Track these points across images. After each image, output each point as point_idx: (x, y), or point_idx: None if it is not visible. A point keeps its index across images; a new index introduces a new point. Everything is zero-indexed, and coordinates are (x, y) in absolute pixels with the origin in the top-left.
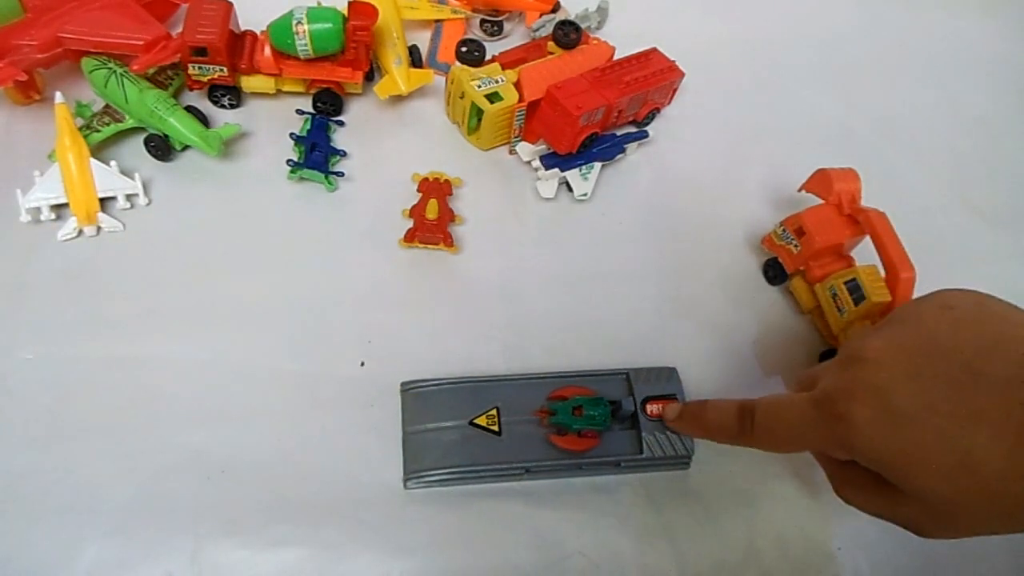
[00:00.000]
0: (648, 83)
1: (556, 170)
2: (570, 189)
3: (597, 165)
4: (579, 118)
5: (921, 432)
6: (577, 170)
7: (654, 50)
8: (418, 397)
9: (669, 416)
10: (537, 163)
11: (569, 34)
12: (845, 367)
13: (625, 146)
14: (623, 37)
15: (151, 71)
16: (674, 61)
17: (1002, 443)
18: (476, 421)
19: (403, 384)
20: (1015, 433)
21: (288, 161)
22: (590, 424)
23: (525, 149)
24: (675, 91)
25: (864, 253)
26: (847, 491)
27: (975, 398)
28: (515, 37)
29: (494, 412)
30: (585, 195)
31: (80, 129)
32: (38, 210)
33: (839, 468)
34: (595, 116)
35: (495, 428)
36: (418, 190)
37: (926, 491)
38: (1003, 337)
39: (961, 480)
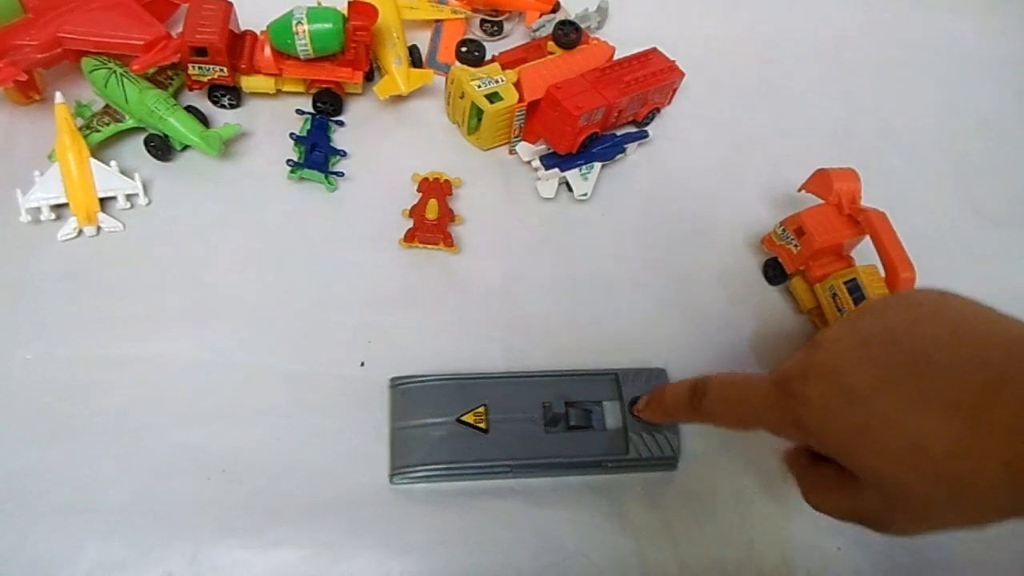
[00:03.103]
0: (648, 83)
1: (556, 170)
2: (570, 189)
3: (597, 165)
4: (579, 118)
5: (872, 412)
6: (577, 170)
7: (654, 50)
8: (407, 393)
9: (639, 407)
10: (537, 163)
11: (569, 34)
12: (805, 352)
13: (625, 146)
14: (623, 37)
15: (151, 71)
16: (674, 61)
17: (952, 425)
18: (464, 418)
19: (392, 380)
20: (965, 416)
21: (288, 161)
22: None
23: (525, 149)
24: (675, 91)
25: (864, 253)
26: (814, 495)
27: (927, 382)
28: (515, 37)
29: (482, 410)
30: (585, 195)
31: (80, 129)
32: (38, 210)
33: (804, 471)
34: (595, 116)
35: (483, 425)
36: (418, 190)
37: (878, 473)
38: (960, 329)
39: (911, 461)
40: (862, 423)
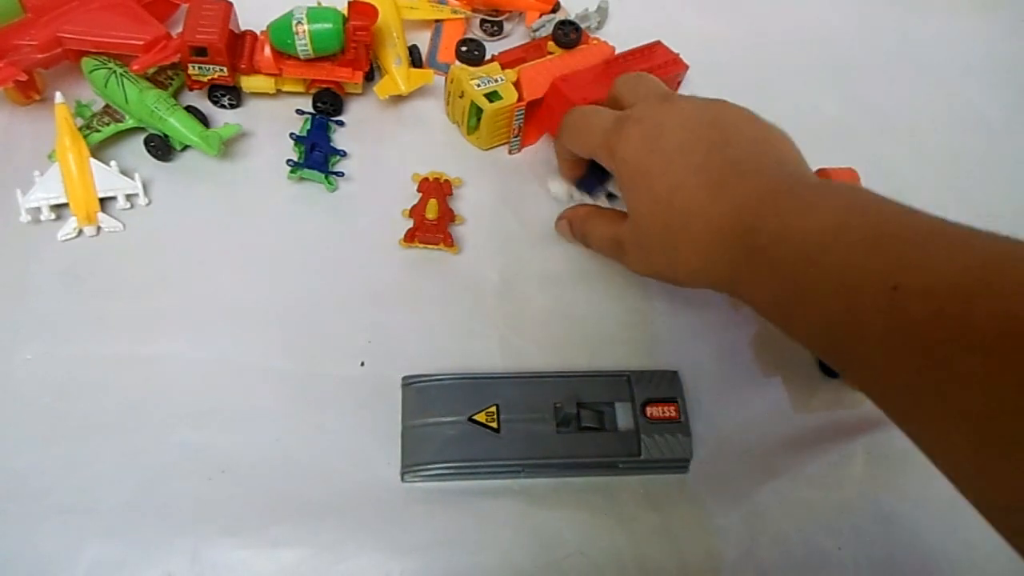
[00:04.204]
0: (654, 75)
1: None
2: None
3: None
4: None
5: (661, 162)
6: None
7: (658, 43)
8: (419, 392)
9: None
10: (577, 196)
11: (569, 34)
12: (647, 105)
13: None
14: (623, 37)
15: (151, 71)
16: (678, 54)
17: (701, 188)
18: (475, 418)
19: (404, 378)
20: (712, 186)
21: (288, 161)
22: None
23: (559, 188)
24: (679, 84)
25: None
26: (590, 224)
27: (705, 160)
28: (515, 37)
29: (493, 409)
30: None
31: (80, 129)
32: (38, 210)
33: (589, 213)
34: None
35: (494, 425)
36: (418, 190)
37: (638, 205)
38: (740, 138)
39: (664, 202)
40: (650, 166)
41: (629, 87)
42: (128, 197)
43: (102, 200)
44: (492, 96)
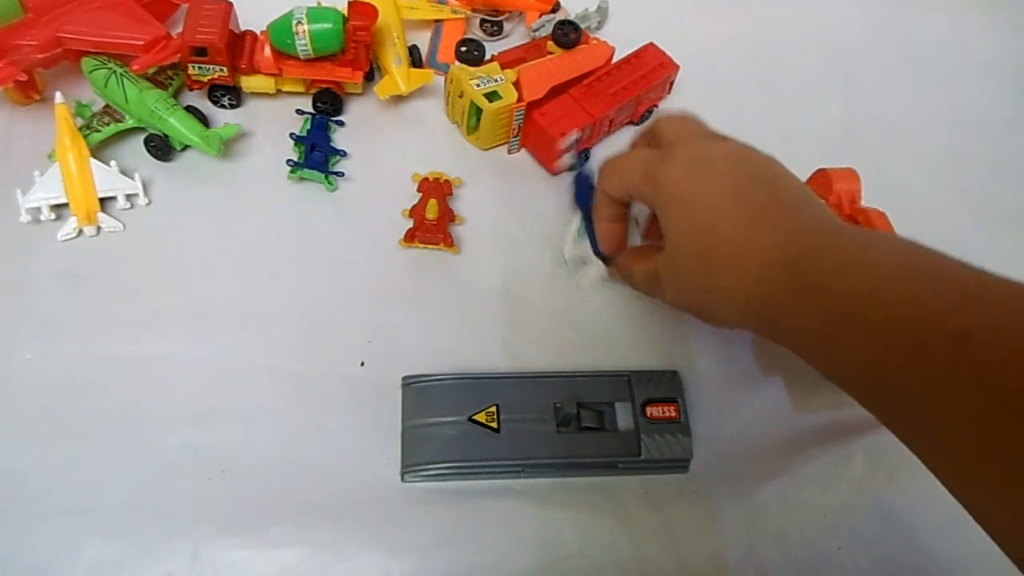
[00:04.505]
0: (639, 87)
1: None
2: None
3: None
4: (560, 142)
5: (703, 189)
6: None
7: (650, 45)
8: (419, 392)
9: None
10: (592, 259)
11: (568, 34)
12: (699, 140)
13: None
14: (623, 37)
15: (151, 71)
16: (669, 56)
17: (740, 220)
18: (475, 418)
19: (404, 378)
20: (751, 212)
21: (288, 161)
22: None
23: (573, 252)
24: (672, 84)
25: None
26: (631, 261)
27: (749, 192)
28: (515, 37)
29: (493, 409)
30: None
31: (80, 129)
32: (38, 210)
33: (632, 251)
34: (583, 134)
35: (494, 425)
36: (418, 190)
37: (675, 235)
38: (781, 183)
39: (704, 232)
40: (691, 193)
41: (672, 126)
42: (128, 197)
43: (102, 200)
44: (492, 96)
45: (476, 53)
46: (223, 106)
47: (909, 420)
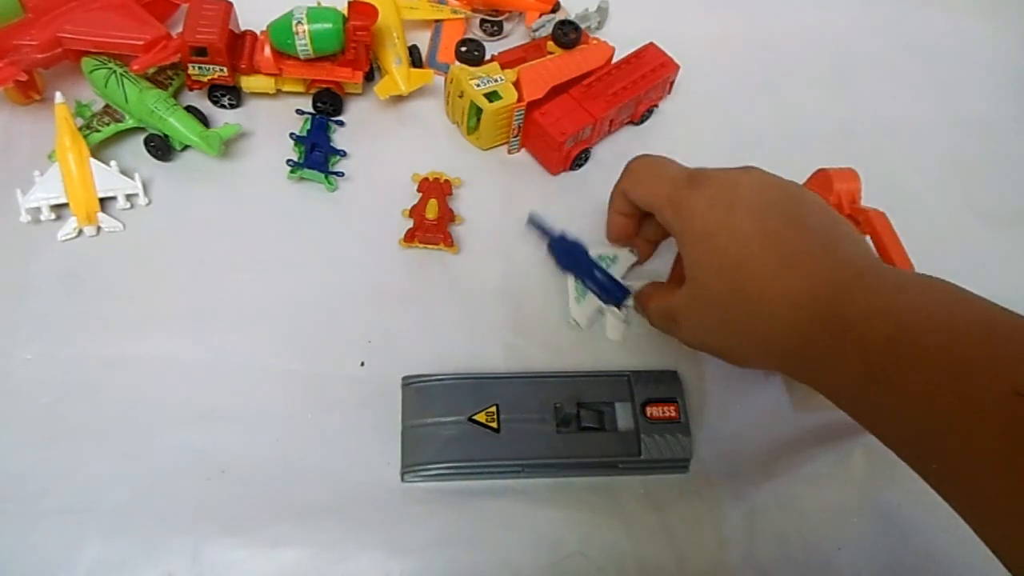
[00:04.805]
0: (639, 87)
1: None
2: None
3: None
4: (563, 143)
5: (732, 224)
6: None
7: (650, 45)
8: (419, 392)
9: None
10: (604, 317)
11: (568, 34)
12: (720, 170)
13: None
14: (623, 37)
15: (151, 71)
16: (670, 56)
17: (771, 261)
18: (475, 417)
19: (404, 378)
20: (784, 252)
21: (288, 161)
22: None
23: (581, 313)
24: (672, 84)
25: None
26: (650, 299)
27: (783, 232)
28: (515, 37)
29: (493, 409)
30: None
31: (80, 129)
32: (38, 210)
33: (651, 288)
34: (583, 135)
35: (494, 425)
36: (418, 190)
37: (698, 271)
38: (817, 221)
39: (729, 271)
40: (720, 226)
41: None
42: (128, 197)
43: (102, 200)
44: (492, 96)
45: (476, 53)
46: (223, 106)
47: (955, 481)
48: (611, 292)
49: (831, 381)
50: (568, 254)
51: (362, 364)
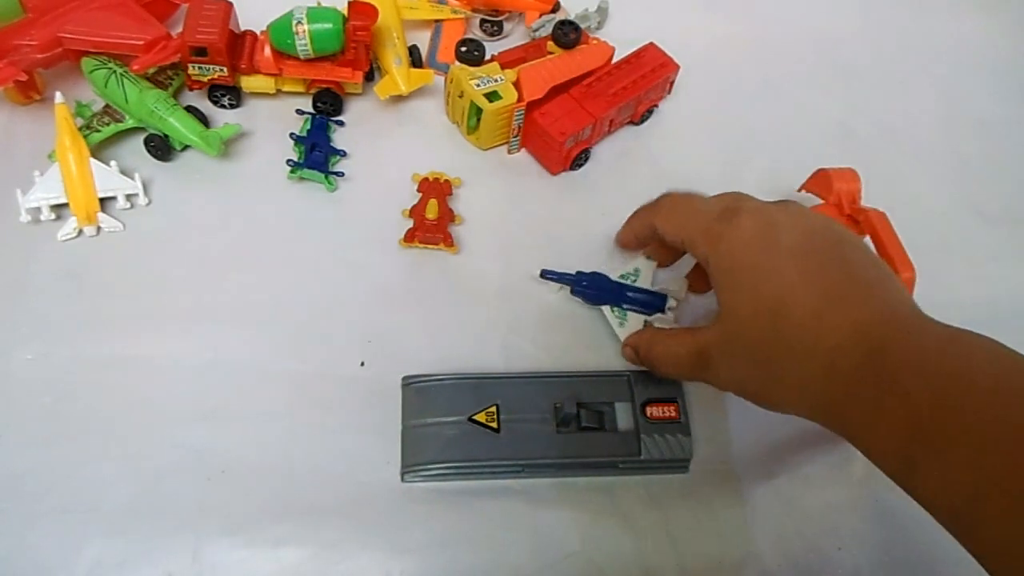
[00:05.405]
0: (639, 87)
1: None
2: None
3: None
4: (564, 143)
5: (773, 261)
6: (609, 309)
7: (650, 45)
8: (419, 392)
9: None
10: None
11: (568, 34)
12: (767, 204)
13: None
14: (623, 37)
15: (151, 71)
16: (670, 56)
17: (812, 300)
18: (475, 417)
19: (404, 378)
20: (825, 292)
21: (288, 161)
22: None
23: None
24: (672, 84)
25: None
26: (661, 343)
27: (820, 267)
28: (515, 37)
29: (493, 409)
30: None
31: (80, 129)
32: (38, 210)
33: (652, 334)
34: (583, 135)
35: (494, 425)
36: (418, 190)
37: (735, 306)
38: (859, 257)
39: (767, 310)
40: (758, 264)
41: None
42: (128, 197)
43: (102, 200)
44: (492, 96)
45: (476, 53)
46: (223, 106)
47: (1008, 559)
48: (651, 304)
49: (869, 433)
50: (594, 289)
51: (362, 364)
